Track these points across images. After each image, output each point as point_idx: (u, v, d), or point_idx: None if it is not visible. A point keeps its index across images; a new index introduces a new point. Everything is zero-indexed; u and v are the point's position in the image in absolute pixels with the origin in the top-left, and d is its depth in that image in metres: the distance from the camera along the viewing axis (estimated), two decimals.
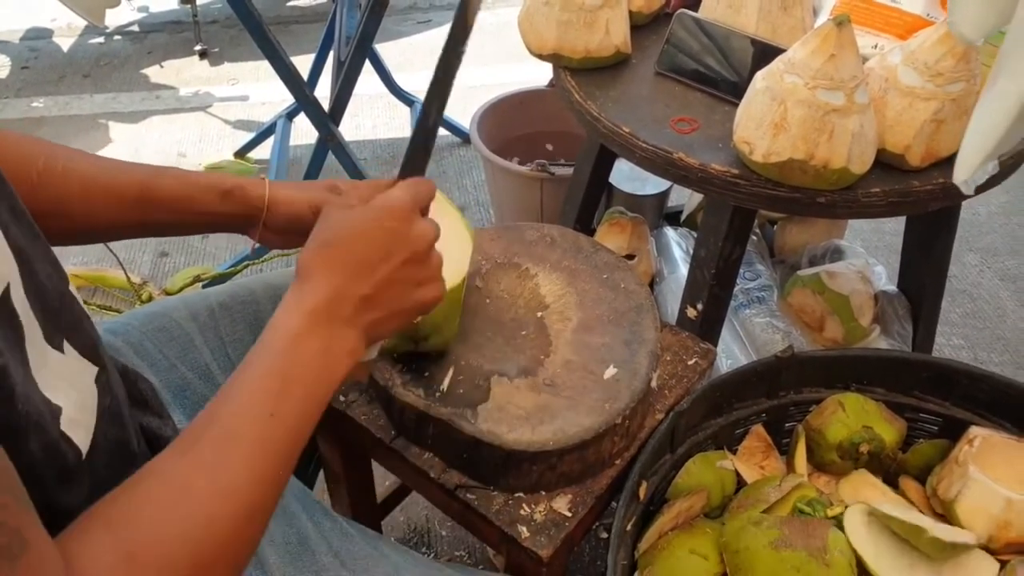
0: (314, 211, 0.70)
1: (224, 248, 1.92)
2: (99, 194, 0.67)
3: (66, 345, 0.51)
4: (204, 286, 1.73)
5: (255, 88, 2.55)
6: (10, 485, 0.38)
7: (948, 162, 0.92)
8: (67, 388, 0.50)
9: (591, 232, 1.51)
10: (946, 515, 0.84)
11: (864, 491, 0.90)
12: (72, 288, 0.55)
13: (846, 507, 0.83)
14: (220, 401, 0.50)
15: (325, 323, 0.52)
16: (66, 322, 0.52)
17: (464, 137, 2.25)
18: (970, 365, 0.92)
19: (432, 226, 0.59)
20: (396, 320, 0.58)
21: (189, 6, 2.58)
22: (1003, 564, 0.80)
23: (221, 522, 0.46)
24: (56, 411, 0.48)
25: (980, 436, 0.85)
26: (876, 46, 1.00)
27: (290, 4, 3.05)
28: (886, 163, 0.91)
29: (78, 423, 0.50)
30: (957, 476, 0.84)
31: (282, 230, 0.72)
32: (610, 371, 0.79)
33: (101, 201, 0.67)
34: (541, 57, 1.10)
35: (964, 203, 1.10)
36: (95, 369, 0.54)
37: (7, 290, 0.45)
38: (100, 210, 0.67)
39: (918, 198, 0.91)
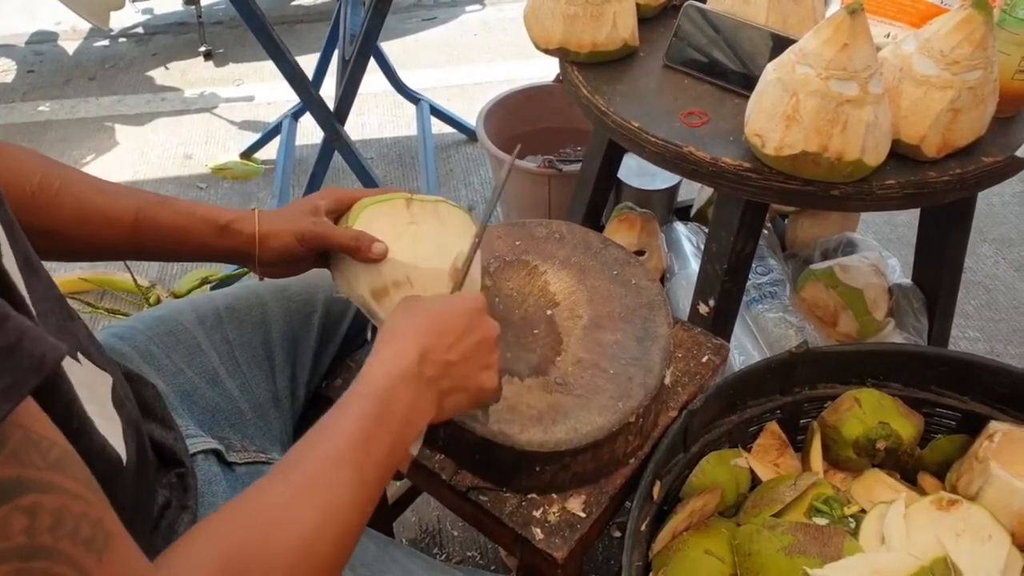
0: (301, 242, 0.71)
1: None
2: (93, 218, 0.66)
3: (80, 356, 0.51)
4: (212, 288, 1.72)
5: (260, 88, 2.54)
6: (86, 480, 0.37)
7: (965, 152, 0.90)
8: (89, 397, 0.50)
9: (600, 228, 1.49)
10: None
11: (877, 491, 0.88)
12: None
13: (862, 509, 0.82)
14: (318, 431, 0.53)
15: (414, 380, 0.57)
16: (75, 334, 0.52)
17: (471, 134, 2.24)
18: (988, 358, 0.91)
19: (497, 325, 0.65)
20: (461, 396, 0.62)
21: (193, 7, 2.58)
22: None
23: (322, 541, 0.48)
24: (91, 419, 0.49)
25: (1000, 431, 0.84)
26: (889, 35, 0.98)
27: (294, 3, 3.04)
28: (901, 154, 0.89)
29: (115, 432, 0.51)
30: (978, 472, 0.83)
31: (274, 263, 0.73)
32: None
33: (95, 225, 0.67)
34: (547, 52, 1.09)
35: (979, 194, 1.08)
36: (110, 379, 0.54)
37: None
38: (93, 234, 0.67)
39: (934, 189, 0.89)
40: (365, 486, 0.51)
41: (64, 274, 1.76)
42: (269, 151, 2.20)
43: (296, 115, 2.17)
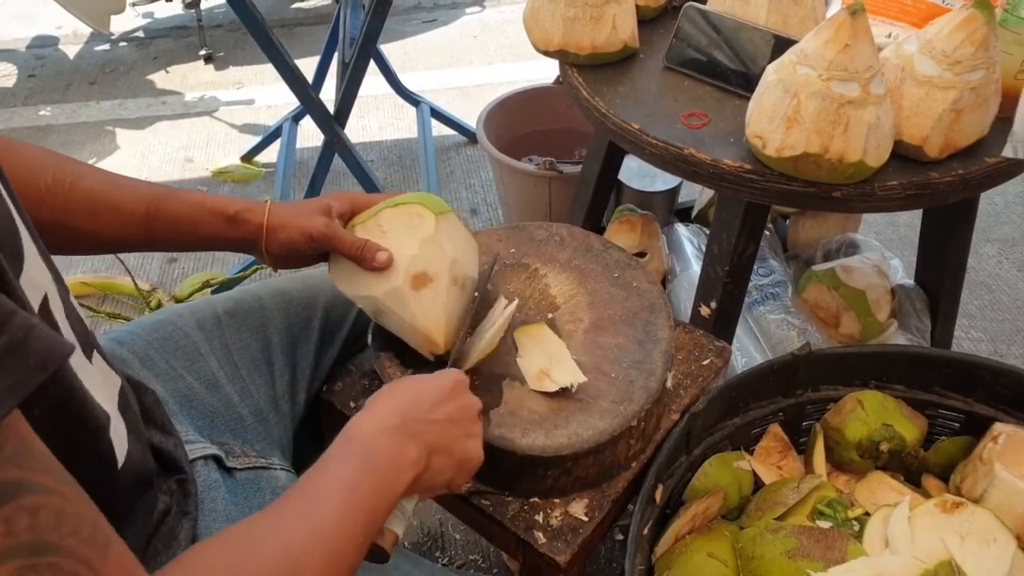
0: (309, 241, 0.73)
1: (233, 253, 1.91)
2: (106, 211, 0.68)
3: (95, 355, 0.52)
4: (213, 291, 1.72)
5: (261, 91, 2.54)
6: (75, 486, 0.37)
7: (967, 153, 0.89)
8: (107, 398, 0.50)
9: (601, 230, 1.49)
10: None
11: (881, 494, 0.88)
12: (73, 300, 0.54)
13: (866, 512, 0.81)
14: (305, 478, 0.53)
15: (396, 431, 0.58)
16: (86, 333, 0.52)
17: (471, 136, 2.24)
18: (992, 360, 0.90)
19: (478, 400, 0.67)
20: (447, 459, 0.62)
21: (193, 11, 2.58)
22: None
23: (308, 557, 0.48)
24: (106, 418, 0.49)
25: (1005, 433, 0.83)
26: (891, 35, 0.98)
27: (294, 6, 3.04)
28: (903, 155, 0.89)
29: (119, 434, 0.51)
30: (982, 474, 0.82)
31: (280, 255, 0.74)
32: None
33: (107, 218, 0.68)
34: (547, 54, 1.09)
35: (981, 194, 1.07)
36: (119, 380, 0.55)
37: (45, 299, 0.46)
38: (106, 226, 0.69)
39: (937, 190, 0.88)
40: (353, 518, 0.51)
41: (65, 277, 1.76)
42: (270, 154, 2.20)
43: (296, 118, 2.16)
